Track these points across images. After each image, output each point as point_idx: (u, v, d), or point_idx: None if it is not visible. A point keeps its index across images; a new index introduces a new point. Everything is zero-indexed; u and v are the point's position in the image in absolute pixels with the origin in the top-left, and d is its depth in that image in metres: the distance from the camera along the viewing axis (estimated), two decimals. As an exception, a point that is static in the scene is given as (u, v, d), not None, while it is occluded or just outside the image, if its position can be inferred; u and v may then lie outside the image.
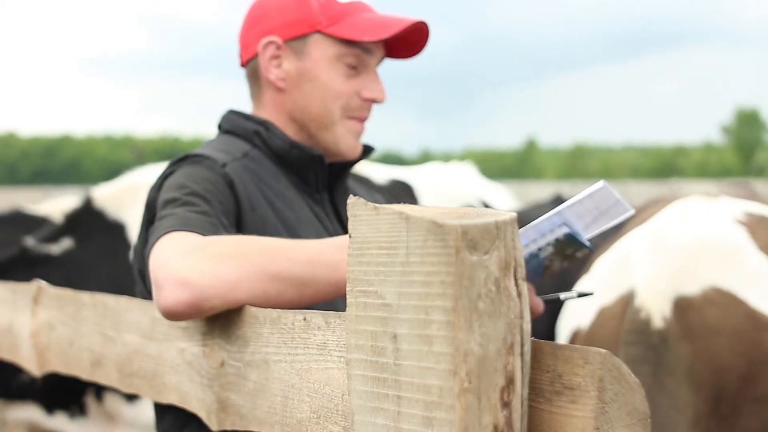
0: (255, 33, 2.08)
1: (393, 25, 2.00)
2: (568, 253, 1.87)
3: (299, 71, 2.04)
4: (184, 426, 1.86)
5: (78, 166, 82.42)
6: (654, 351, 2.79)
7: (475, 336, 0.88)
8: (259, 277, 1.51)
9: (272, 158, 2.04)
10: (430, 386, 0.89)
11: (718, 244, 3.04)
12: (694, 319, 2.85)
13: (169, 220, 1.70)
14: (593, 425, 0.92)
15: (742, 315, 2.87)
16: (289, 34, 2.04)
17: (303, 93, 2.04)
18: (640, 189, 30.90)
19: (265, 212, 1.92)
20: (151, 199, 1.91)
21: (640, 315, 2.84)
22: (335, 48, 2.02)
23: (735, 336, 2.83)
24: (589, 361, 0.93)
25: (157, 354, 1.76)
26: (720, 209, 3.32)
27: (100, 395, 4.37)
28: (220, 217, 1.77)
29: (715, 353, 2.81)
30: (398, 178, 5.13)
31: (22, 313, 2.36)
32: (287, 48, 2.04)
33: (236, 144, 2.04)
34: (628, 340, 2.82)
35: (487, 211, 0.95)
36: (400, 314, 0.91)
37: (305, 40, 2.03)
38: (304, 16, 2.03)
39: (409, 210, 0.91)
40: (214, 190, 1.84)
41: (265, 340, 1.44)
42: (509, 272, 0.90)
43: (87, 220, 4.57)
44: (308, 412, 1.32)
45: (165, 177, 1.92)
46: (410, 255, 0.89)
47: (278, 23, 2.05)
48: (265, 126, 2.05)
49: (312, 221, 2.00)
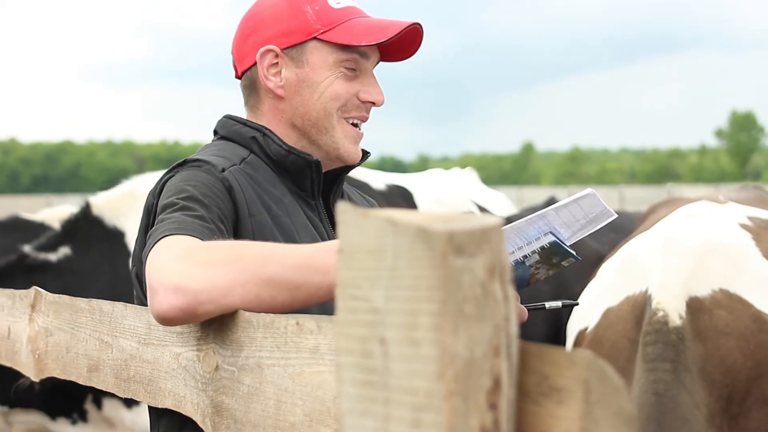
0: (251, 43, 2.09)
1: (389, 28, 2.03)
2: (554, 262, 1.89)
3: (298, 78, 2.06)
4: (180, 429, 1.87)
5: (78, 172, 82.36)
6: (673, 348, 2.85)
7: (462, 339, 0.89)
8: (253, 282, 1.52)
9: (269, 164, 2.06)
10: (417, 388, 0.90)
11: (725, 248, 3.10)
12: (705, 321, 2.93)
13: (165, 225, 1.72)
14: (579, 426, 0.93)
15: (749, 317, 2.92)
16: (287, 42, 2.06)
17: (302, 99, 2.06)
18: (636, 193, 30.93)
19: (263, 218, 1.93)
20: (150, 204, 1.93)
21: (657, 315, 2.91)
22: (333, 54, 2.05)
23: (742, 338, 2.89)
24: (575, 363, 0.94)
25: (152, 359, 1.77)
26: (726, 214, 3.36)
27: (98, 401, 4.38)
28: (216, 222, 1.79)
29: (724, 354, 2.86)
30: (396, 184, 5.14)
31: (20, 319, 2.37)
32: (285, 56, 2.06)
33: (234, 149, 2.06)
34: (647, 340, 2.89)
35: (474, 216, 0.96)
36: (388, 318, 0.93)
37: (303, 48, 2.05)
38: (300, 24, 2.05)
39: (396, 215, 0.92)
40: (212, 195, 1.85)
41: (258, 344, 1.45)
42: (495, 276, 0.92)
43: (85, 228, 4.58)
44: (301, 416, 1.34)
45: (164, 182, 1.94)
46: (397, 259, 0.91)
47: (274, 32, 2.07)
48: (262, 132, 2.07)
49: (308, 227, 2.02)
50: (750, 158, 76.30)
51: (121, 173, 72.22)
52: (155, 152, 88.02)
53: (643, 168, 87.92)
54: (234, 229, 1.87)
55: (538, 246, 1.85)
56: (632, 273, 3.21)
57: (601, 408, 0.93)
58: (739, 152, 75.65)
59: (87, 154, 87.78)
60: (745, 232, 3.23)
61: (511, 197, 8.68)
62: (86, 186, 63.57)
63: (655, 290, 2.98)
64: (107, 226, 4.59)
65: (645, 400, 2.80)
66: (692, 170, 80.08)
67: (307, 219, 2.04)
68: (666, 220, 3.46)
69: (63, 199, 22.83)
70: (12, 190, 67.42)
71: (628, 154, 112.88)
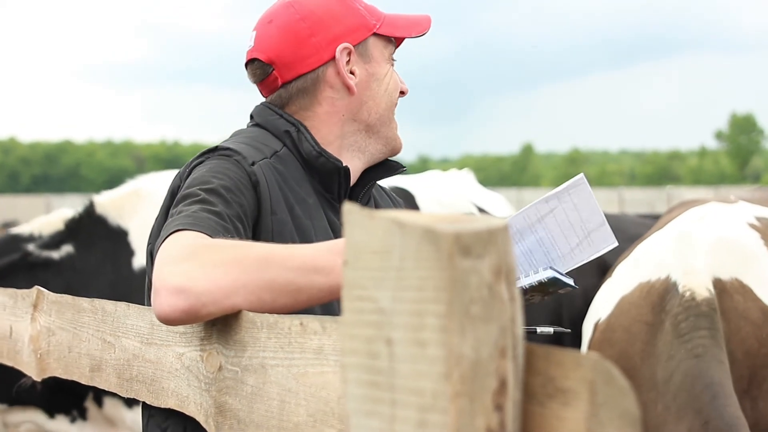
0: (314, 44, 2.09)
1: (421, 21, 2.19)
2: (551, 291, 1.91)
3: (368, 73, 2.13)
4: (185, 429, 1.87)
5: (78, 172, 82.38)
6: (706, 318, 2.94)
7: (468, 340, 0.89)
8: (254, 284, 1.53)
9: (300, 160, 2.07)
10: (424, 389, 0.91)
11: (734, 246, 3.22)
12: (727, 302, 3.04)
13: (181, 218, 1.73)
14: (585, 427, 0.94)
15: (758, 310, 3.04)
16: (356, 39, 2.12)
17: (372, 93, 2.13)
18: (635, 195, 30.96)
19: (284, 217, 1.95)
20: (175, 186, 1.95)
21: (686, 296, 3.00)
22: (386, 47, 2.16)
23: (756, 326, 2.99)
24: (581, 365, 0.94)
25: (155, 359, 1.77)
26: (735, 214, 3.46)
27: (99, 400, 4.37)
28: (234, 219, 1.79)
29: (744, 337, 2.99)
30: (398, 186, 5.15)
31: (22, 319, 2.37)
32: (355, 53, 2.12)
33: (267, 140, 2.07)
34: (680, 318, 2.97)
35: (480, 218, 0.96)
36: (394, 318, 0.93)
37: (366, 44, 2.13)
38: (360, 20, 2.12)
39: (403, 216, 0.93)
40: (236, 190, 1.86)
41: (262, 344, 1.45)
42: (501, 277, 0.92)
43: (89, 226, 4.58)
44: (305, 416, 1.34)
45: (193, 166, 1.96)
46: (404, 260, 0.91)
47: (341, 30, 2.10)
48: (297, 127, 2.08)
49: (327, 231, 2.02)
50: (750, 160, 76.32)
51: (120, 173, 72.40)
52: (155, 152, 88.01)
53: (643, 170, 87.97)
54: (255, 225, 1.89)
55: (535, 280, 1.87)
56: (646, 264, 3.30)
57: (607, 409, 0.93)
58: (739, 154, 75.68)
59: (87, 153, 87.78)
60: (753, 232, 3.32)
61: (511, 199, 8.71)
62: (86, 186, 63.56)
63: (678, 276, 3.08)
64: (111, 225, 4.60)
65: (686, 366, 2.86)
66: (692, 172, 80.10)
67: (329, 222, 2.05)
68: (677, 220, 3.55)
69: (62, 199, 22.85)
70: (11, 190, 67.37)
71: (627, 155, 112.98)
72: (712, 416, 2.74)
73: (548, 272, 1.86)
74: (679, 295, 2.99)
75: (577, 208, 1.91)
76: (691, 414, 2.78)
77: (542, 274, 1.86)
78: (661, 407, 2.86)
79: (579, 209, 1.91)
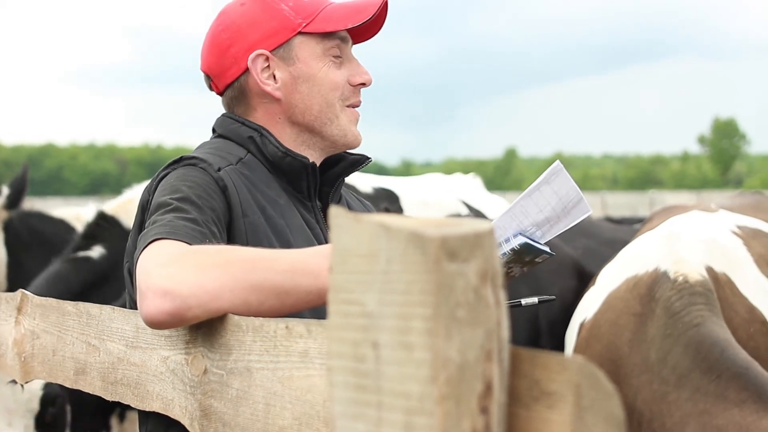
0: (232, 55, 2.09)
1: (366, 8, 2.08)
2: (527, 260, 1.91)
3: (292, 76, 2.07)
4: (167, 428, 1.86)
5: (61, 175, 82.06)
6: (702, 296, 2.96)
7: (454, 343, 0.90)
8: (241, 287, 1.53)
9: (266, 164, 2.07)
10: (410, 392, 0.91)
11: (721, 248, 3.26)
12: (719, 291, 3.07)
13: (157, 228, 1.72)
14: (570, 430, 0.94)
15: (745, 306, 3.07)
16: (273, 43, 2.07)
17: (301, 95, 2.08)
18: (618, 199, 31.03)
19: (257, 219, 1.94)
20: (145, 200, 1.95)
21: (678, 280, 3.02)
22: (319, 44, 2.08)
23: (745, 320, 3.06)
24: (566, 368, 0.94)
25: (140, 362, 1.77)
26: (718, 221, 3.52)
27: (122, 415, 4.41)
28: (209, 225, 1.79)
29: (735, 327, 3.05)
30: (383, 187, 5.15)
31: (5, 322, 2.36)
32: (275, 57, 2.07)
33: (231, 148, 2.07)
34: (673, 300, 2.98)
35: (466, 221, 0.97)
36: (381, 322, 0.93)
37: (290, 45, 2.07)
38: (280, 22, 2.07)
39: (390, 220, 0.93)
40: (206, 196, 1.86)
41: (247, 348, 1.45)
42: (487, 281, 0.92)
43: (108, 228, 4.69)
44: (290, 419, 1.34)
45: (160, 178, 1.95)
46: (391, 264, 0.91)
47: (257, 37, 2.07)
48: (260, 132, 2.07)
49: (303, 229, 2.02)
50: (732, 165, 76.75)
51: (103, 176, 71.76)
52: (138, 156, 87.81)
53: (626, 174, 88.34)
54: (227, 229, 1.88)
55: (508, 248, 1.87)
56: (633, 262, 3.33)
57: (592, 413, 0.94)
58: (722, 159, 76.07)
59: (69, 156, 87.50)
60: (737, 238, 3.39)
61: (495, 202, 8.81)
62: (68, 189, 63.30)
63: (668, 266, 3.10)
64: (124, 227, 4.69)
65: (686, 337, 2.86)
66: (674, 177, 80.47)
67: (303, 220, 2.04)
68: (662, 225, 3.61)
69: (45, 202, 22.74)
70: (-6, 192, 66.93)
71: (610, 160, 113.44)
72: (724, 367, 2.74)
73: (519, 239, 1.87)
74: (671, 281, 3.01)
75: (557, 193, 1.94)
76: (696, 376, 2.78)
77: (513, 241, 1.88)
78: (657, 384, 2.86)
79: (559, 194, 1.94)
